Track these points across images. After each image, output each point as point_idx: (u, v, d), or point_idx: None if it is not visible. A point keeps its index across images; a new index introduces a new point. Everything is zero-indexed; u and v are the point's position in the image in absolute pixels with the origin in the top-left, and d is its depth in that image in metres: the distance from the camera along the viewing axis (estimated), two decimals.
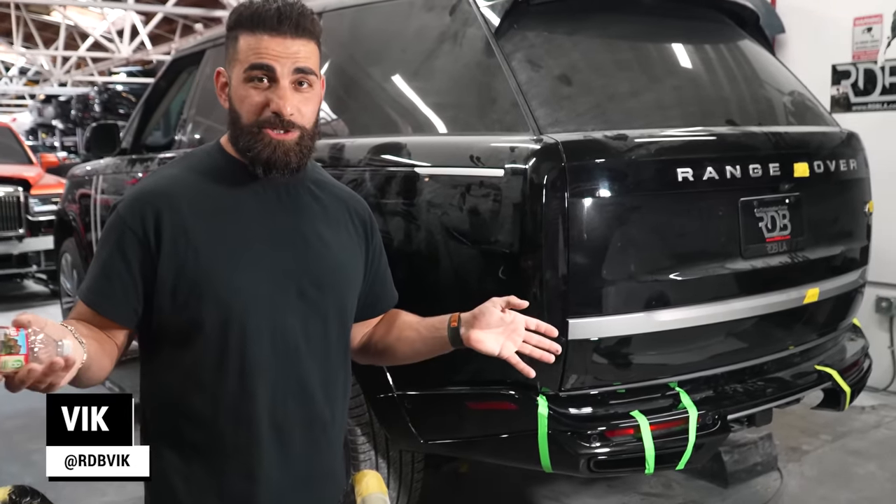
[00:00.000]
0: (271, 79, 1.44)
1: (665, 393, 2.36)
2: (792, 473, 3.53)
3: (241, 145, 1.49)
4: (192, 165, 1.55)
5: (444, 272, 2.33)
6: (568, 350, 2.17)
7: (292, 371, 1.50)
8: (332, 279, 1.56)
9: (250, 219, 1.50)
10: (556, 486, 3.39)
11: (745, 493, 3.35)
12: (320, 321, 1.54)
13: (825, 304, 2.69)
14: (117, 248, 1.45)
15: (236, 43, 1.48)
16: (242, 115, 1.47)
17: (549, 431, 2.20)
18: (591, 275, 2.19)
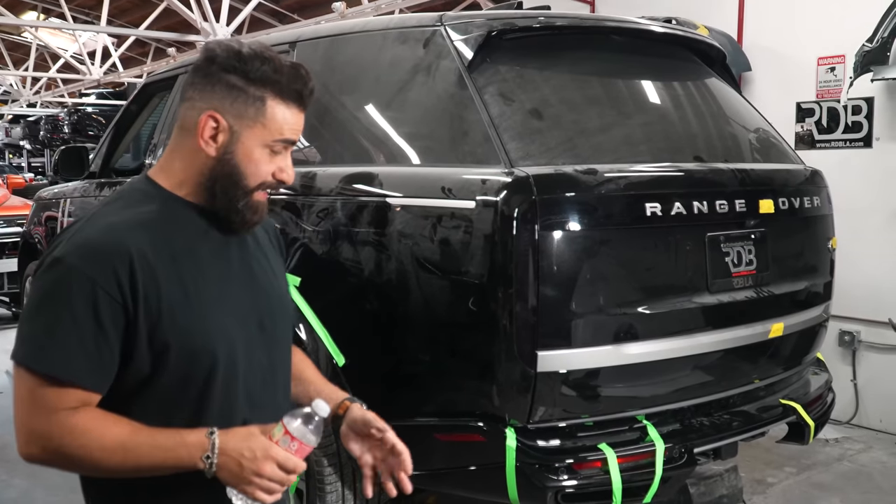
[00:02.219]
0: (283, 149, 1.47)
1: (632, 426, 2.37)
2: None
3: (226, 201, 1.43)
4: (137, 208, 1.42)
5: (415, 302, 2.33)
6: (536, 382, 2.18)
7: (267, 405, 1.50)
8: (281, 307, 1.59)
9: (208, 261, 1.45)
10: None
11: None
12: (279, 350, 1.56)
13: (790, 338, 2.73)
14: (85, 309, 1.29)
15: (264, 107, 1.41)
16: (248, 176, 1.43)
17: (516, 464, 2.19)
18: (561, 307, 2.20)
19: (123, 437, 1.32)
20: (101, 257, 1.32)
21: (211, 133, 1.41)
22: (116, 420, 1.34)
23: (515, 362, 2.17)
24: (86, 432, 1.31)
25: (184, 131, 1.45)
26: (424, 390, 2.38)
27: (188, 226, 1.45)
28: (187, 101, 1.44)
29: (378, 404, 2.39)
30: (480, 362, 2.24)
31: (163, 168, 1.48)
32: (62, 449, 1.31)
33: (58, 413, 1.31)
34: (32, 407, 1.32)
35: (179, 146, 1.46)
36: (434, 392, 2.36)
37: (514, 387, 2.20)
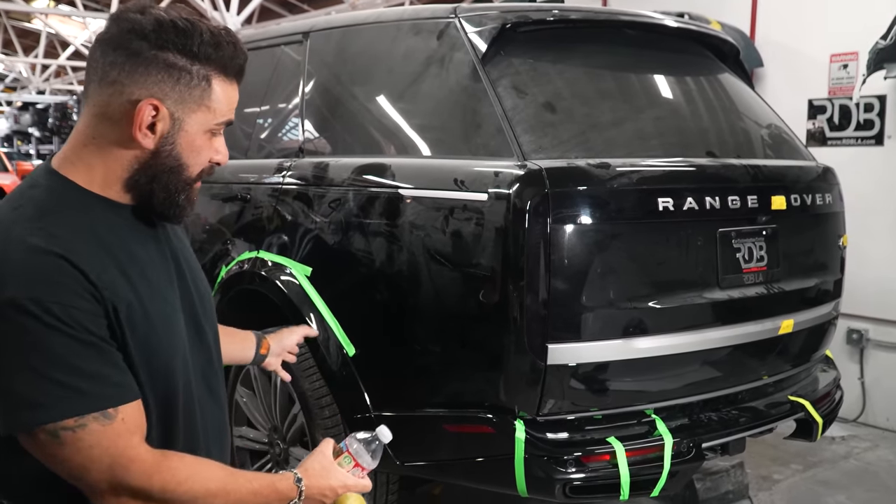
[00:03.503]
0: None
1: (641, 420, 2.38)
2: (762, 502, 3.56)
3: (164, 196, 1.28)
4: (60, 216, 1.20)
5: (425, 294, 2.34)
6: (546, 375, 2.18)
7: (212, 404, 1.45)
8: (208, 301, 1.49)
9: (149, 268, 1.30)
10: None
11: None
12: (211, 347, 1.47)
13: (799, 335, 2.73)
14: (84, 333, 1.15)
15: (209, 87, 1.25)
16: (191, 166, 1.28)
17: (525, 456, 2.20)
18: (571, 300, 2.21)
19: (224, 480, 1.28)
20: (55, 282, 1.13)
21: (149, 122, 1.22)
22: (207, 462, 1.29)
23: (525, 355, 2.17)
24: (190, 477, 1.23)
25: (106, 121, 1.23)
26: (434, 381, 2.39)
27: (120, 231, 1.27)
28: (110, 84, 1.21)
29: (387, 396, 2.42)
30: (490, 354, 2.24)
31: (75, 162, 1.25)
32: (166, 495, 1.21)
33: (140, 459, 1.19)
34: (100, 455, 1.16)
35: (99, 137, 1.24)
36: (443, 383, 2.37)
37: (524, 379, 2.20)
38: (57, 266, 1.14)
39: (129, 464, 1.18)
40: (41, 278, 1.12)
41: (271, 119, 3.19)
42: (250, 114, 3.29)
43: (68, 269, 1.14)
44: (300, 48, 3.10)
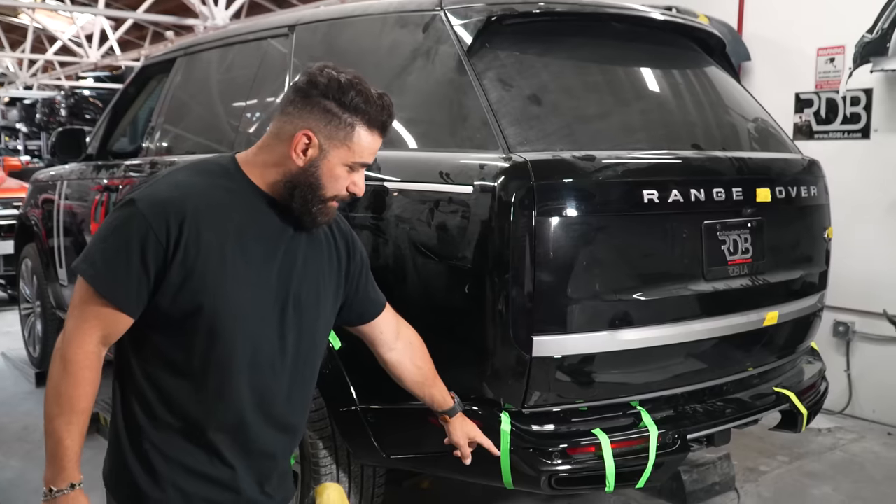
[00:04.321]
0: None
1: (626, 411, 2.39)
2: (749, 494, 3.58)
3: (301, 203, 1.64)
4: (210, 177, 1.64)
5: (411, 287, 2.34)
6: (531, 367, 2.19)
7: (264, 381, 1.66)
8: (312, 301, 1.73)
9: (251, 238, 1.62)
10: (517, 500, 3.40)
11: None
12: (295, 337, 1.70)
13: (784, 327, 2.74)
14: (137, 246, 1.52)
15: (352, 132, 1.62)
16: (327, 187, 1.64)
17: (510, 448, 2.21)
18: (557, 293, 2.21)
19: (73, 407, 1.53)
20: (162, 208, 1.54)
21: (303, 148, 1.62)
22: (88, 394, 1.56)
23: (511, 347, 2.18)
24: (77, 373, 1.54)
25: (277, 139, 1.65)
26: None
27: (250, 209, 1.63)
28: (285, 115, 1.64)
29: (373, 389, 2.42)
30: (476, 347, 2.25)
31: (248, 159, 1.68)
32: (61, 358, 1.55)
33: (92, 332, 1.55)
34: (80, 312, 1.56)
35: (270, 148, 1.66)
36: None
37: (510, 371, 2.21)
38: (169, 202, 1.55)
39: (73, 336, 1.55)
40: (154, 202, 1.55)
41: (259, 112, 3.18)
42: (237, 107, 3.29)
43: (174, 208, 1.54)
44: (286, 41, 3.09)
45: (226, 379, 1.62)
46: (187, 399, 1.62)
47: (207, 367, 1.61)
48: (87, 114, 15.95)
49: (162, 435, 1.63)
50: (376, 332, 2.02)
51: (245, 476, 1.69)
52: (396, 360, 2.06)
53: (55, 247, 4.65)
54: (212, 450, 1.65)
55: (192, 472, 1.64)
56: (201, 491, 1.65)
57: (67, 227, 4.46)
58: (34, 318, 5.28)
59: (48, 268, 4.83)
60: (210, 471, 1.65)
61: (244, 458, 1.69)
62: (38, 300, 5.17)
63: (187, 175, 1.65)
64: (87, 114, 15.93)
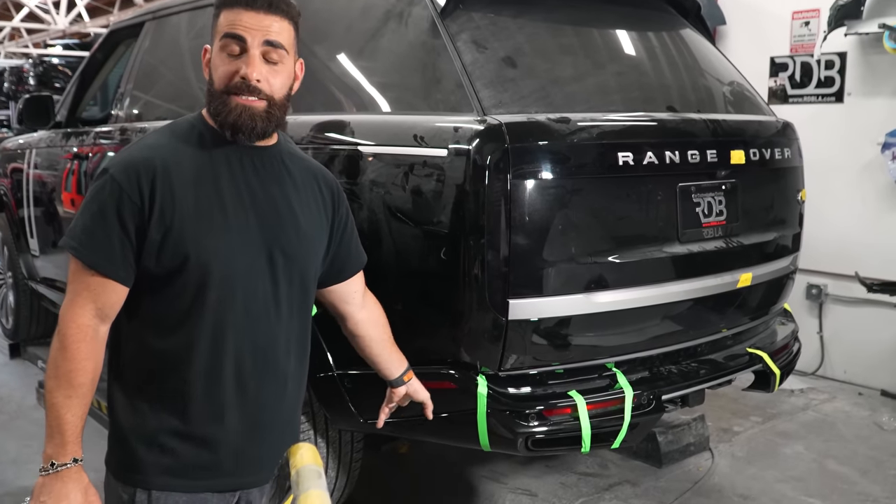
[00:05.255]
0: (243, 49, 1.58)
1: (602, 373, 2.41)
2: (723, 453, 3.64)
3: (212, 110, 1.61)
4: (177, 134, 1.65)
5: (387, 252, 2.33)
6: (508, 330, 2.19)
7: (259, 330, 1.65)
8: (299, 248, 1.71)
9: (229, 186, 1.61)
10: (495, 466, 3.44)
11: (677, 473, 3.45)
12: (286, 286, 1.69)
13: (758, 288, 2.77)
14: (113, 210, 1.54)
15: (217, 19, 1.61)
16: (215, 81, 1.61)
17: (487, 411, 2.22)
18: (532, 256, 2.21)
19: (70, 381, 1.53)
20: (132, 169, 1.55)
21: (206, 62, 1.64)
22: (86, 369, 1.55)
23: (487, 310, 2.18)
24: (71, 347, 1.54)
25: None
26: (396, 338, 2.36)
27: (221, 158, 1.62)
28: None
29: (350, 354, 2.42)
30: (452, 311, 2.25)
31: (208, 109, 1.66)
32: (57, 334, 1.56)
33: (85, 304, 1.55)
34: (72, 287, 1.57)
35: None
36: (405, 341, 2.30)
37: (486, 335, 2.22)
38: (138, 162, 1.57)
39: (66, 311, 1.56)
40: (125, 165, 1.57)
41: None
42: None
43: (144, 167, 1.55)
44: None
45: (221, 333, 1.61)
46: (183, 360, 1.60)
47: (202, 323, 1.60)
48: (56, 82, 15.61)
49: (156, 401, 1.61)
50: (351, 291, 1.97)
51: (246, 433, 1.66)
52: (366, 319, 2.01)
53: (25, 217, 4.58)
54: (211, 409, 1.62)
55: (187, 435, 1.61)
56: (198, 453, 1.62)
57: (37, 196, 4.40)
58: (6, 290, 5.22)
59: (19, 239, 4.77)
60: (208, 431, 1.62)
61: (245, 415, 1.66)
62: (9, 271, 5.10)
63: (156, 137, 1.66)
64: (57, 82, 15.59)
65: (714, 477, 3.42)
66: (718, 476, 3.43)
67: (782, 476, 3.43)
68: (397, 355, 2.08)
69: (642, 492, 3.28)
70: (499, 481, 3.33)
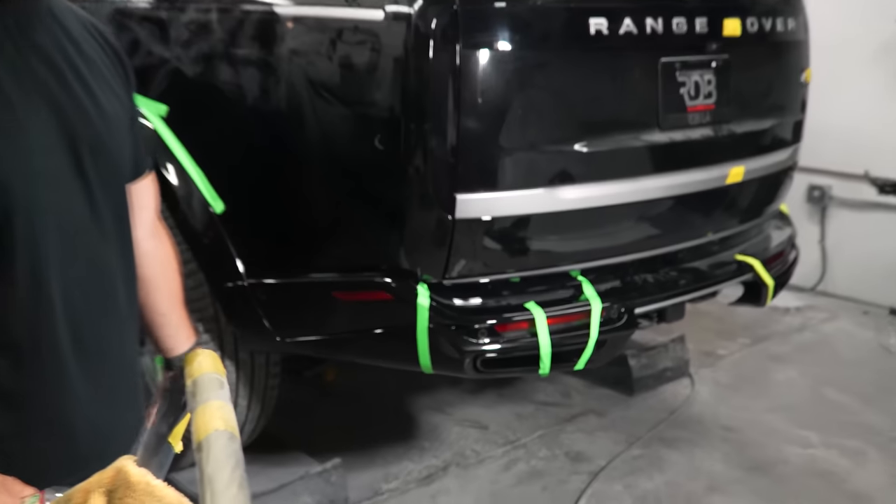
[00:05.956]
0: None
1: (566, 283, 2.47)
2: (705, 380, 3.79)
3: None
4: None
5: (310, 137, 2.34)
6: (454, 231, 2.23)
7: (84, 258, 1.47)
8: (108, 136, 1.50)
9: (9, 81, 1.37)
10: (440, 395, 3.54)
11: (651, 402, 3.59)
12: (101, 190, 1.49)
13: (750, 185, 2.85)
14: None
15: None
16: None
17: (429, 325, 2.27)
18: (485, 143, 2.24)
19: None
20: None
21: None
22: None
23: (430, 207, 2.22)
24: None
25: None
26: (321, 241, 2.43)
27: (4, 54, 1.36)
28: None
29: (265, 259, 2.44)
30: (388, 207, 2.28)
31: None
32: None
33: None
34: None
35: None
36: (333, 243, 2.41)
37: (428, 236, 2.26)
38: None
39: None
40: None
41: None
42: None
43: None
44: None
45: (38, 267, 1.42)
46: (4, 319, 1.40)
47: (13, 263, 1.40)
48: None
49: None
50: (141, 205, 1.69)
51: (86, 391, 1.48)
52: (154, 253, 1.73)
53: None
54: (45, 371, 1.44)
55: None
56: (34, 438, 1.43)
57: None
58: None
59: None
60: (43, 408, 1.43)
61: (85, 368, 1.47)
62: None
63: None
64: None
65: (693, 406, 3.56)
66: (699, 405, 3.57)
67: (772, 405, 3.58)
68: (187, 324, 1.79)
69: (610, 423, 3.41)
70: (443, 412, 3.44)
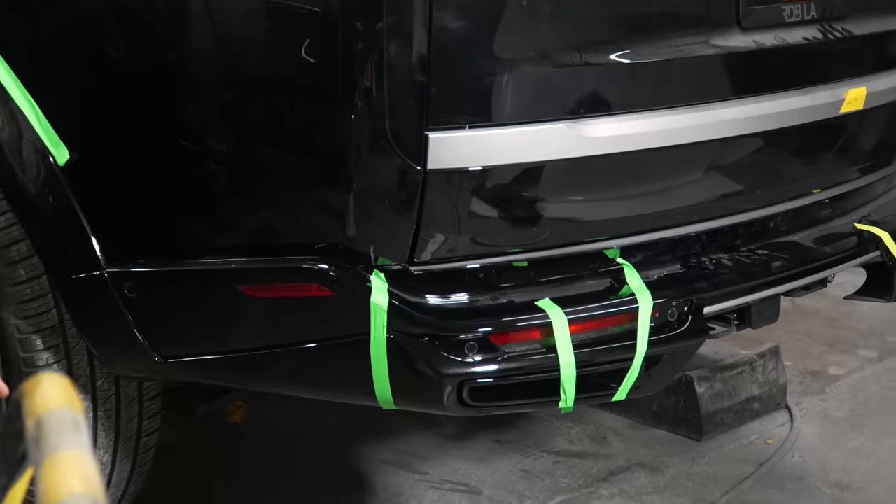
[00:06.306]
0: None
1: (598, 269, 2.45)
2: (809, 413, 3.79)
3: None
4: None
5: (199, 49, 2.34)
6: (426, 189, 2.20)
7: None
8: None
9: None
10: (406, 443, 3.53)
11: (729, 449, 3.58)
12: None
13: (876, 115, 2.84)
14: None
15: None
16: None
17: (389, 336, 2.24)
18: (473, 51, 2.23)
19: None
20: None
21: None
22: None
23: (387, 153, 2.19)
24: None
25: None
26: (220, 208, 2.41)
27: None
28: None
29: (134, 236, 2.42)
30: (322, 155, 2.28)
31: None
32: None
33: None
34: None
35: None
36: (238, 211, 2.39)
37: (385, 199, 2.24)
38: None
39: None
40: None
41: None
42: None
43: None
44: None
45: None
46: None
47: None
48: None
49: None
50: None
51: None
52: None
53: None
54: None
55: None
56: None
57: None
58: None
59: None
60: None
61: None
62: None
63: None
64: None
65: (793, 454, 3.55)
66: (801, 452, 3.57)
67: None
68: None
69: (667, 482, 3.40)
70: (412, 468, 3.41)
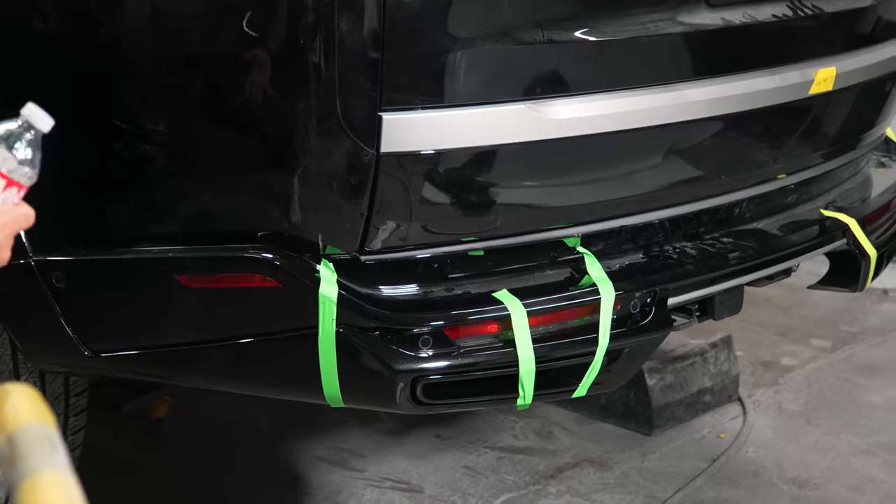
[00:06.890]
0: None
1: (558, 258, 2.45)
2: (763, 406, 3.81)
3: None
4: None
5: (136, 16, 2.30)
6: (378, 173, 2.19)
7: None
8: None
9: None
10: (342, 439, 3.51)
11: (681, 443, 3.59)
12: None
13: (843, 97, 2.84)
14: None
15: None
16: None
17: (338, 329, 2.22)
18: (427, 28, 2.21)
19: None
20: None
21: None
22: None
23: (337, 134, 2.18)
24: None
25: None
26: (153, 193, 2.39)
27: None
28: None
29: (64, 221, 2.37)
30: (267, 135, 2.27)
31: None
32: None
33: None
34: None
35: None
36: (173, 196, 2.38)
37: (336, 183, 2.23)
38: None
39: None
40: None
41: None
42: None
43: None
44: None
45: None
46: None
47: None
48: None
49: None
50: None
51: None
52: None
53: None
54: None
55: None
56: None
57: None
58: None
59: None
60: None
61: None
62: None
63: None
64: None
65: (747, 448, 3.57)
66: (755, 447, 3.58)
67: (864, 444, 3.60)
68: None
69: (617, 479, 3.41)
70: (349, 466, 3.40)
